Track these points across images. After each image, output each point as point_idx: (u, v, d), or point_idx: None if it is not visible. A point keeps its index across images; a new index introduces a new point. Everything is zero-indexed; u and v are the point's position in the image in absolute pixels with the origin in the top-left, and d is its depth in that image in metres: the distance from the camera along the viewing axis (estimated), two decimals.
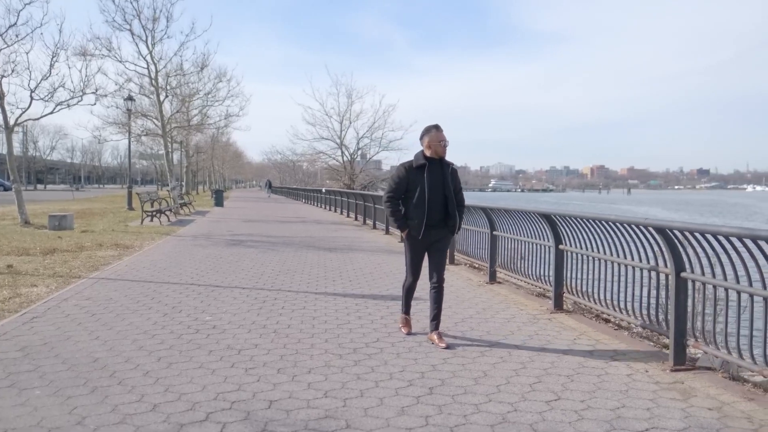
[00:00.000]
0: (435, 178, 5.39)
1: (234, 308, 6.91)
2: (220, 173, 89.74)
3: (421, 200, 5.37)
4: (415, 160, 5.50)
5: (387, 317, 6.49)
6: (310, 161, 54.03)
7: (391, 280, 8.97)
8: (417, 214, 5.40)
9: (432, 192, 5.36)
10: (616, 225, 5.66)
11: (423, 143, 5.51)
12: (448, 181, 5.45)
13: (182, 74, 29.83)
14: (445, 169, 5.48)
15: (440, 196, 5.40)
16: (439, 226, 5.48)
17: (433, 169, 5.42)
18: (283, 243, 14.48)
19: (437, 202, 5.39)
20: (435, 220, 5.42)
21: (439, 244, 5.59)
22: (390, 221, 5.17)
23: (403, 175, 5.45)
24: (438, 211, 5.42)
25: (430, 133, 5.45)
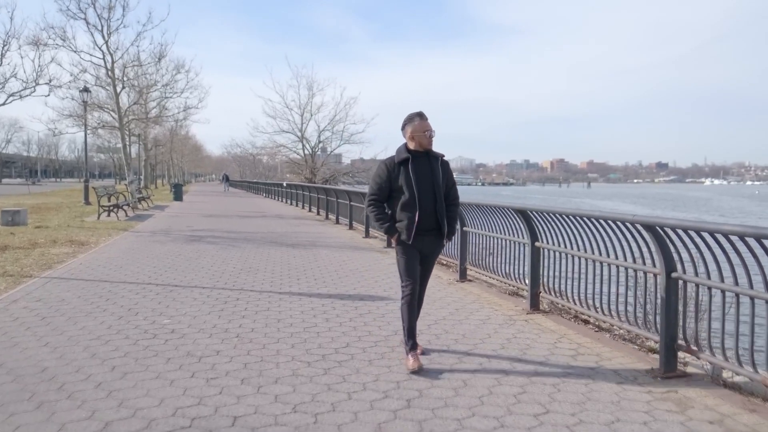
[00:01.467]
0: (423, 174, 4.63)
1: (194, 310, 6.50)
2: (180, 167, 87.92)
3: (410, 201, 4.58)
4: (397, 155, 4.71)
5: (356, 319, 6.17)
6: (270, 154, 53.33)
7: (357, 279, 8.65)
8: (405, 217, 4.63)
9: (421, 190, 4.59)
10: (599, 221, 5.42)
11: (405, 134, 4.76)
12: (438, 176, 4.68)
13: (139, 65, 28.94)
14: (433, 163, 4.71)
15: (430, 194, 4.63)
16: (432, 231, 4.69)
17: (420, 164, 4.66)
18: (245, 239, 14.01)
19: (428, 201, 4.62)
20: (427, 224, 4.64)
21: (428, 252, 4.83)
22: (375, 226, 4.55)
23: (384, 174, 4.67)
24: (430, 213, 4.64)
25: (413, 122, 4.69)
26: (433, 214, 4.66)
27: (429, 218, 4.63)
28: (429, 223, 4.65)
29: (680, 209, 58.71)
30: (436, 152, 4.78)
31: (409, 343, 4.70)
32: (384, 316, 6.31)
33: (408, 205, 4.61)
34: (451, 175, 4.83)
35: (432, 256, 4.90)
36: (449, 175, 4.82)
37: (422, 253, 4.76)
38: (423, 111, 4.75)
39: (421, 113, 4.73)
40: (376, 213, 4.76)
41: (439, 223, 4.68)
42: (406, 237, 4.65)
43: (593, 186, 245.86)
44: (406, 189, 4.59)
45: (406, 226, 4.63)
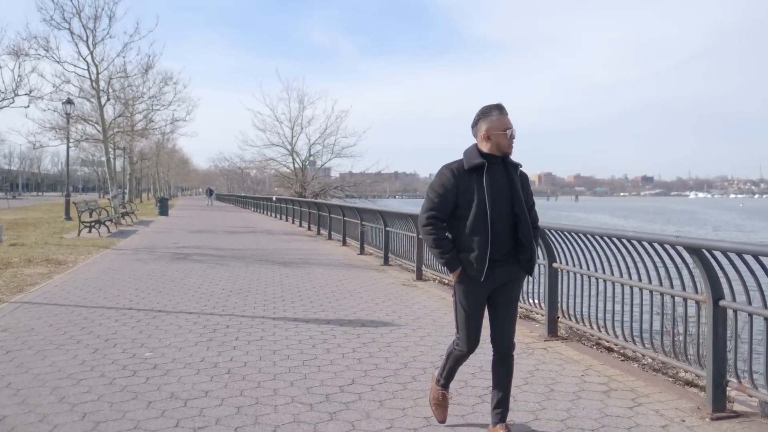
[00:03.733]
0: (499, 187, 3.44)
1: (179, 340, 5.89)
2: (166, 180, 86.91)
3: (481, 221, 3.37)
4: (466, 159, 3.49)
5: (359, 350, 5.59)
6: (259, 168, 52.62)
7: (356, 301, 8.07)
8: (475, 244, 3.38)
9: (496, 208, 3.39)
10: (631, 242, 4.89)
11: (477, 133, 3.55)
12: (518, 190, 3.48)
13: (125, 76, 28.22)
14: (511, 174, 3.51)
15: (507, 213, 3.43)
16: (507, 261, 3.47)
17: (496, 173, 3.47)
18: (233, 256, 13.39)
19: (504, 223, 3.42)
20: (502, 252, 3.43)
21: (507, 290, 3.54)
22: (433, 254, 3.63)
23: (450, 183, 3.44)
24: (506, 239, 3.43)
25: (490, 117, 3.50)
26: (510, 240, 3.45)
27: (503, 245, 3.44)
28: (503, 251, 3.44)
29: (672, 223, 58.58)
30: (514, 161, 3.58)
31: (438, 380, 3.84)
32: (390, 346, 5.73)
33: (476, 227, 3.38)
34: (530, 191, 3.66)
35: (512, 295, 3.60)
36: (529, 191, 3.63)
37: (495, 293, 3.53)
38: (502, 103, 3.58)
39: (500, 105, 3.56)
40: (436, 237, 3.44)
41: (515, 252, 3.47)
42: (476, 272, 3.37)
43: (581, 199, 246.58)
44: (477, 205, 3.38)
45: (477, 256, 3.36)
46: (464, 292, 3.52)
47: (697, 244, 4.02)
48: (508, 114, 3.55)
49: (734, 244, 3.77)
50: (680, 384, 4.71)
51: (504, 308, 3.58)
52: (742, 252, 3.69)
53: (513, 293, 3.62)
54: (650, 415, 4.02)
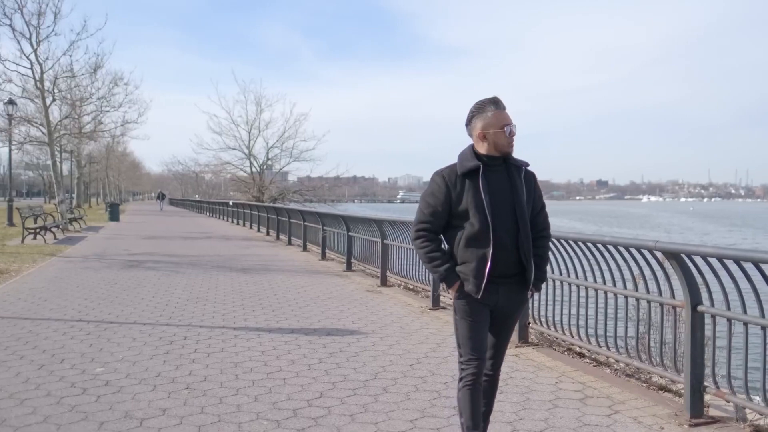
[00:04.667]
0: (499, 192, 3.05)
1: (133, 354, 5.54)
2: (116, 185, 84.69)
3: (480, 231, 2.98)
4: (459, 163, 3.09)
5: (326, 360, 5.35)
6: (215, 172, 51.65)
7: (320, 308, 7.82)
8: (473, 256, 3.01)
9: (498, 215, 2.99)
10: (607, 247, 4.78)
11: (472, 132, 3.15)
12: (522, 194, 3.07)
13: (72, 76, 27.25)
14: (514, 176, 3.10)
15: (511, 222, 3.03)
16: (511, 277, 3.08)
17: (495, 176, 3.07)
18: (189, 263, 12.94)
19: (508, 233, 3.02)
20: (506, 267, 3.04)
21: (507, 311, 3.18)
22: (428, 269, 3.32)
23: (441, 192, 3.06)
24: (509, 250, 3.03)
25: (484, 113, 3.09)
26: (514, 252, 3.04)
27: (507, 258, 3.03)
28: (507, 265, 3.04)
29: (627, 226, 59.91)
30: (517, 159, 3.17)
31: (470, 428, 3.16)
32: (358, 355, 5.51)
33: (476, 238, 2.99)
34: (539, 192, 3.23)
35: (512, 316, 3.23)
36: (537, 193, 3.19)
37: (496, 311, 3.14)
38: (498, 97, 3.13)
39: (496, 99, 3.12)
40: (429, 250, 3.10)
41: (521, 266, 3.09)
42: (473, 288, 3.01)
43: None
44: (476, 214, 2.98)
45: (475, 270, 3.00)
46: (465, 308, 3.09)
47: (676, 249, 3.93)
48: (506, 108, 3.12)
49: (715, 249, 3.70)
50: (654, 389, 4.62)
51: (501, 327, 3.22)
52: (723, 257, 3.60)
53: (516, 312, 3.24)
54: (628, 423, 3.90)
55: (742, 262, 3.51)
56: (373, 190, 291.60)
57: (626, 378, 4.90)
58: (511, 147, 3.11)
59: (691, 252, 3.84)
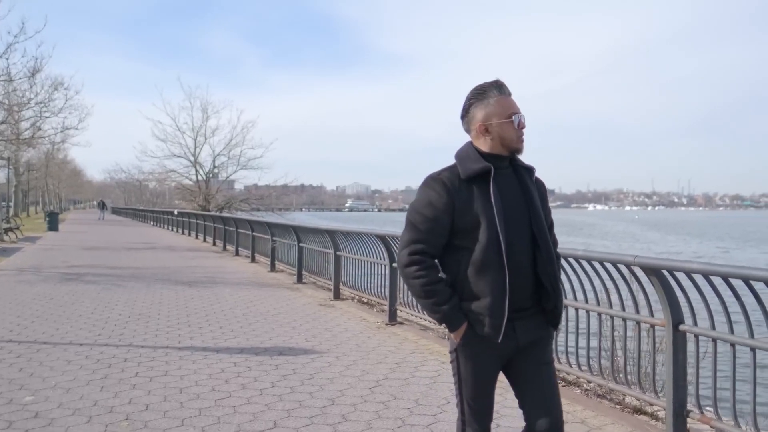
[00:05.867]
0: (512, 200, 2.41)
1: (68, 379, 5.08)
2: (56, 193, 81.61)
3: (492, 252, 2.32)
4: (462, 165, 2.43)
5: (279, 384, 5.01)
6: (159, 180, 50.27)
7: (270, 324, 7.45)
8: (486, 287, 2.33)
9: (511, 231, 2.35)
10: (579, 262, 4.61)
11: (471, 126, 2.49)
12: (537, 205, 2.46)
13: (9, 80, 25.98)
14: (526, 181, 2.49)
15: (526, 239, 2.40)
16: (531, 310, 2.43)
17: (505, 181, 2.43)
18: (132, 276, 12.33)
19: (523, 253, 2.38)
20: (523, 297, 2.38)
21: (534, 352, 2.46)
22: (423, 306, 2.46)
23: (441, 201, 2.38)
24: (527, 276, 2.39)
25: (486, 98, 2.44)
26: (531, 278, 2.39)
27: (524, 286, 2.38)
28: (524, 295, 2.38)
29: (575, 235, 61.16)
30: (523, 163, 2.54)
31: None
32: (313, 378, 5.19)
33: (488, 262, 2.32)
34: (548, 204, 2.62)
35: (543, 356, 2.48)
36: (547, 204, 2.60)
37: (519, 354, 2.43)
38: (502, 80, 2.47)
39: (499, 83, 2.46)
40: (426, 281, 2.35)
41: (540, 295, 2.43)
42: (490, 329, 2.33)
43: None
44: (485, 229, 2.32)
45: (491, 306, 2.31)
46: (471, 358, 2.41)
47: (657, 265, 3.77)
48: (512, 94, 2.47)
49: (701, 265, 3.53)
50: (629, 412, 4.45)
51: (537, 375, 2.44)
52: (709, 273, 3.45)
53: (544, 355, 2.48)
54: None
55: (731, 279, 3.35)
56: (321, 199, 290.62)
57: (598, 399, 4.73)
58: (521, 142, 2.46)
59: (674, 268, 3.68)
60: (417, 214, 2.42)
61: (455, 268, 2.41)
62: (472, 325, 2.38)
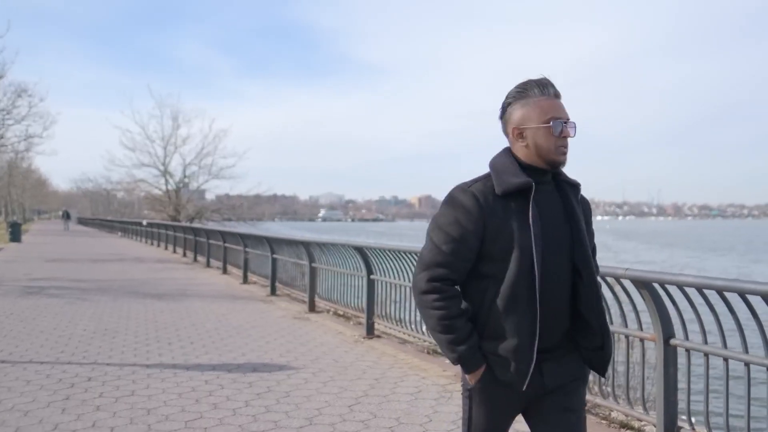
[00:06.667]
0: (552, 223, 2.05)
1: (26, 401, 4.75)
2: (20, 203, 79.67)
3: (523, 284, 1.97)
4: (498, 177, 2.05)
5: (253, 403, 4.76)
6: (127, 190, 49.66)
7: (243, 339, 7.18)
8: (512, 325, 1.98)
9: (549, 261, 1.99)
10: None
11: (508, 125, 2.12)
12: (582, 229, 2.09)
13: None
14: (570, 200, 2.12)
15: (565, 269, 2.05)
16: (561, 350, 2.09)
17: (545, 199, 2.07)
18: (98, 289, 11.91)
19: (560, 287, 2.03)
20: (552, 335, 2.04)
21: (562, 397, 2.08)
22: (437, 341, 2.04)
23: (473, 218, 2.00)
24: (562, 313, 2.05)
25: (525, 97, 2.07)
26: (566, 314, 2.05)
27: (557, 325, 2.04)
28: (554, 333, 2.04)
29: None
30: (568, 177, 2.17)
31: None
32: (289, 395, 4.95)
33: (517, 297, 1.97)
34: (591, 223, 2.24)
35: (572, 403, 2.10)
36: (590, 224, 2.22)
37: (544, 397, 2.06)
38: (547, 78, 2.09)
39: (544, 81, 2.08)
40: (446, 313, 1.99)
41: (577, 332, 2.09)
42: (514, 375, 1.98)
43: None
44: (519, 259, 1.96)
45: (516, 349, 1.96)
46: (487, 403, 2.05)
47: (648, 278, 3.64)
48: (560, 97, 2.09)
49: (695, 278, 3.40)
50: (615, 426, 4.32)
51: (561, 424, 2.07)
52: (703, 287, 3.32)
53: (573, 400, 2.09)
54: None
55: (726, 293, 3.23)
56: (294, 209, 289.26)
57: None
58: (561, 154, 2.05)
59: (666, 281, 3.55)
60: (440, 233, 2.05)
61: (478, 300, 2.05)
62: (491, 368, 2.02)
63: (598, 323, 2.06)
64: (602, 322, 2.07)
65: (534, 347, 1.97)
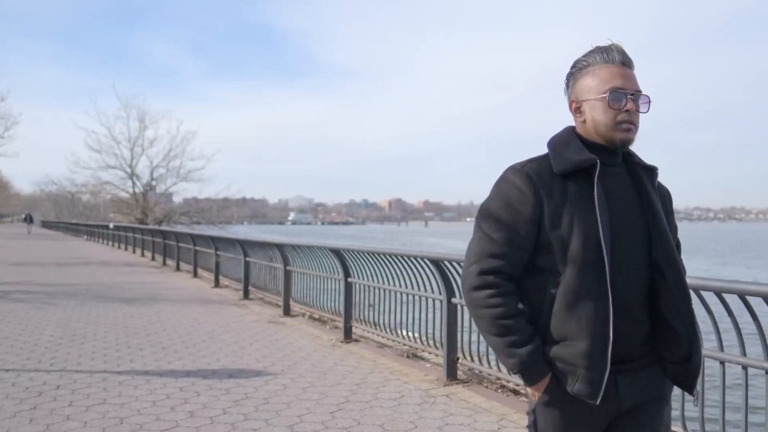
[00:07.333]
0: (624, 209, 1.77)
1: None
2: None
3: (592, 277, 1.67)
4: (556, 155, 1.78)
5: (231, 410, 4.60)
6: (93, 192, 48.62)
7: (218, 344, 6.99)
8: (581, 325, 1.67)
9: (621, 253, 1.71)
10: None
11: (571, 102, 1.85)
12: (660, 218, 1.78)
13: None
14: (643, 183, 1.82)
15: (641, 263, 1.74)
16: (640, 361, 1.77)
17: (616, 182, 1.79)
18: (65, 294, 11.55)
19: (636, 283, 1.73)
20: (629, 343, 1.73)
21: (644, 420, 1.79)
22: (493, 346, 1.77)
23: (529, 201, 1.73)
24: (640, 314, 1.75)
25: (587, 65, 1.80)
26: (644, 316, 1.77)
27: (634, 329, 1.75)
28: (632, 340, 1.75)
29: None
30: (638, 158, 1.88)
31: None
32: (268, 402, 4.80)
33: (585, 292, 1.68)
34: (673, 215, 1.95)
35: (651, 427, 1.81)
36: (672, 215, 1.93)
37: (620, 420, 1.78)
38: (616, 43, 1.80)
39: (608, 47, 1.80)
40: (502, 312, 1.72)
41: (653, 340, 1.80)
42: (584, 387, 1.69)
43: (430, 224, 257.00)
44: (584, 247, 1.68)
45: (588, 353, 1.67)
46: (555, 423, 1.76)
47: None
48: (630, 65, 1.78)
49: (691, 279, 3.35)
50: None
51: None
52: (700, 288, 3.27)
53: (653, 424, 1.81)
54: None
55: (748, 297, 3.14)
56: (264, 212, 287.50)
57: None
58: (622, 131, 1.75)
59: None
60: (490, 219, 1.78)
61: (537, 299, 1.76)
62: (558, 379, 1.73)
63: (685, 329, 1.75)
64: (690, 328, 1.76)
65: (607, 352, 1.67)
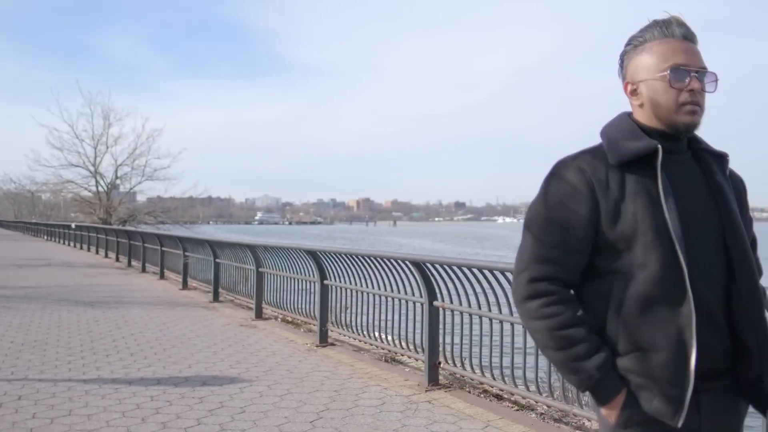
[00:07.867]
0: (693, 200, 1.55)
1: None
2: None
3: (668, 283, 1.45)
4: (612, 143, 1.57)
5: (206, 421, 4.39)
6: (54, 191, 47.24)
7: (188, 349, 6.74)
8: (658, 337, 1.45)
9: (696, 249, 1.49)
10: None
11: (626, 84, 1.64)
12: (734, 211, 1.57)
13: None
14: (712, 172, 1.60)
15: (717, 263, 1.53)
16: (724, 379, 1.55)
17: (682, 171, 1.58)
18: (24, 297, 11.11)
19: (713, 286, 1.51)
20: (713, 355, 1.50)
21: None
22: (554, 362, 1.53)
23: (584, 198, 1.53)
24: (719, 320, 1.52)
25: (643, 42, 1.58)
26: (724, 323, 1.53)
27: (717, 338, 1.52)
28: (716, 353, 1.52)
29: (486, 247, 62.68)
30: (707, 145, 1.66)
31: None
32: (244, 411, 4.60)
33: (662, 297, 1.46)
34: (747, 207, 1.71)
35: None
36: (746, 207, 1.69)
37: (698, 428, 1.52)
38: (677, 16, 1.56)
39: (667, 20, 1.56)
40: (560, 321, 1.51)
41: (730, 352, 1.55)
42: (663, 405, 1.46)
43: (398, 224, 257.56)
44: (655, 245, 1.46)
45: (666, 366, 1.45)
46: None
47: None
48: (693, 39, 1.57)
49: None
50: None
51: None
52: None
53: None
54: None
55: None
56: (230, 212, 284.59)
57: (555, 424, 4.42)
58: (687, 113, 1.54)
59: None
60: (541, 220, 1.59)
61: (601, 306, 1.53)
62: (633, 396, 1.50)
63: (757, 342, 1.52)
64: (763, 341, 1.53)
65: (690, 364, 1.44)
